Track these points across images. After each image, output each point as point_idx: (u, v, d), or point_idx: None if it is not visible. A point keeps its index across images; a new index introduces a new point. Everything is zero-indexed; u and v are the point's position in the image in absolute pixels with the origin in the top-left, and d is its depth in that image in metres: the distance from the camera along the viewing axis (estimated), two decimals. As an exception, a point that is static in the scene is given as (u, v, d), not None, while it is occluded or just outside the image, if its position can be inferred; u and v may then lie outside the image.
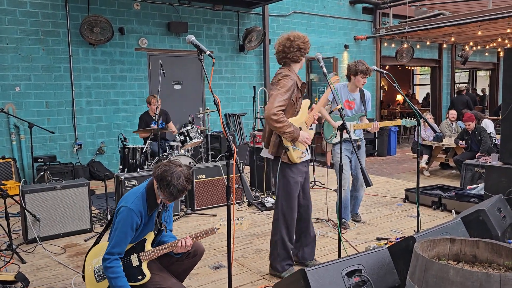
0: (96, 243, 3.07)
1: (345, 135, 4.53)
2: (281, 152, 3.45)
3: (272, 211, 5.59)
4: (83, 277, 2.97)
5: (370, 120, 5.42)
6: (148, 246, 2.87)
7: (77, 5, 7.71)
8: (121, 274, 2.72)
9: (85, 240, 4.55)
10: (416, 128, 4.14)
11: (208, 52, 2.50)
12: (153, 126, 6.48)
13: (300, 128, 3.42)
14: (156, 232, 2.95)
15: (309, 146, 3.54)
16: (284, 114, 3.31)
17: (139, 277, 2.82)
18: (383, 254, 2.87)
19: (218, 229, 2.86)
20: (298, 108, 3.47)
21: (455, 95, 14.08)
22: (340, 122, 4.48)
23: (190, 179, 2.81)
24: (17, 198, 4.42)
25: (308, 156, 3.59)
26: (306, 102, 3.54)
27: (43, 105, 7.54)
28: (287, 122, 3.27)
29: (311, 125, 3.60)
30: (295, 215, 3.59)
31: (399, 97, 18.53)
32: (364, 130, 4.82)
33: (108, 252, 2.71)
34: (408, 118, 3.94)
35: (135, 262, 2.83)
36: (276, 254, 3.60)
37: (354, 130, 4.73)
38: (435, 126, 4.62)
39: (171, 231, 3.12)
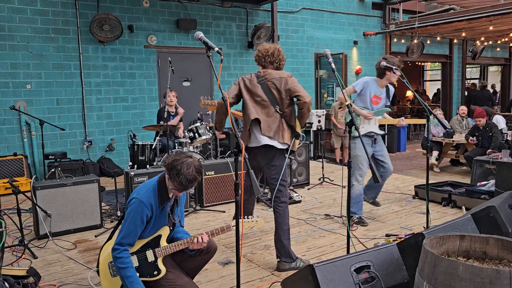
0: (110, 238, 3.10)
1: (367, 130, 4.69)
2: (291, 142, 3.71)
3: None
4: (97, 271, 3.00)
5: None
6: (163, 242, 2.88)
7: (86, 3, 7.76)
8: (130, 264, 2.73)
9: (96, 236, 4.60)
10: (426, 124, 4.11)
11: (216, 49, 2.51)
12: (170, 120, 6.56)
13: None
14: (171, 228, 2.96)
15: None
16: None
17: (154, 273, 2.84)
18: (392, 250, 2.87)
19: (234, 226, 2.87)
20: None
21: (477, 89, 13.81)
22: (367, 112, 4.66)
23: (200, 170, 2.80)
24: (28, 194, 4.48)
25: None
26: None
27: (53, 102, 7.62)
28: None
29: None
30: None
31: (409, 93, 18.39)
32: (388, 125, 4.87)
33: (117, 243, 2.73)
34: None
35: (150, 257, 2.85)
36: (287, 243, 3.67)
37: (379, 126, 4.83)
38: (445, 122, 4.58)
39: (182, 227, 3.14)
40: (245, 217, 2.97)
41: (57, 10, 7.52)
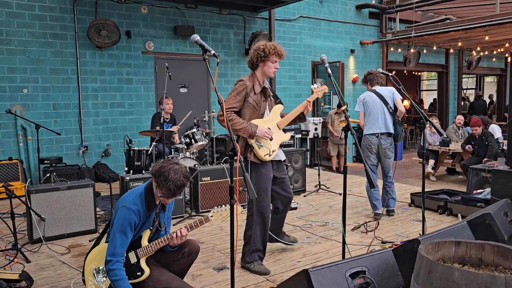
0: (95, 244, 3.08)
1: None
2: (248, 152, 3.63)
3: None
4: (83, 280, 2.97)
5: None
6: (144, 242, 2.88)
7: (85, 8, 7.78)
8: (124, 276, 2.72)
9: (90, 241, 4.55)
10: (423, 131, 4.12)
11: (212, 52, 2.51)
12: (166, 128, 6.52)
13: (269, 129, 3.62)
14: (152, 229, 2.95)
15: (281, 147, 3.79)
16: (243, 116, 3.61)
17: (138, 274, 2.83)
18: (388, 256, 2.85)
19: (212, 216, 2.88)
20: (262, 111, 3.69)
21: (473, 100, 14.58)
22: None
23: (188, 176, 2.82)
24: (23, 198, 4.44)
25: (280, 156, 3.79)
26: (278, 107, 3.80)
27: (50, 107, 7.60)
28: (236, 120, 3.52)
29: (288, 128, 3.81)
30: (269, 210, 3.76)
31: (405, 103, 18.45)
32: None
33: (110, 254, 2.71)
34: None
35: (133, 259, 2.84)
36: (247, 248, 3.76)
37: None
38: (441, 129, 4.54)
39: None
40: (216, 208, 2.96)
41: (55, 15, 7.54)
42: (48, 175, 6.69)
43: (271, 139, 3.62)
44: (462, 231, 3.30)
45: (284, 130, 3.80)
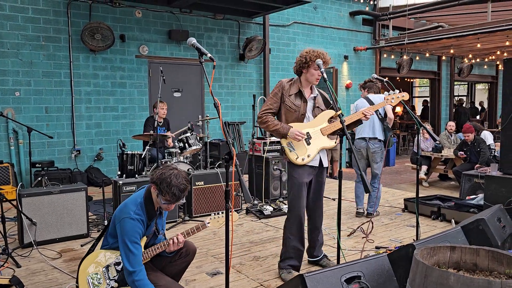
0: (90, 251, 3.04)
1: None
2: (284, 153, 3.66)
3: (270, 219, 5.58)
4: (77, 287, 2.92)
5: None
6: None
7: (78, 11, 7.74)
8: (149, 284, 2.71)
9: (82, 245, 4.50)
10: (416, 137, 4.14)
11: (209, 55, 2.51)
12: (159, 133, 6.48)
13: (308, 134, 3.55)
14: (149, 235, 2.93)
15: (321, 152, 3.66)
16: (279, 117, 3.65)
17: None
18: (383, 261, 2.85)
19: (209, 223, 2.87)
20: (302, 112, 3.62)
21: (457, 106, 15.00)
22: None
23: (188, 180, 2.84)
24: (14, 202, 4.38)
25: (315, 162, 3.65)
26: (327, 112, 3.66)
27: (42, 110, 7.53)
28: (271, 121, 3.57)
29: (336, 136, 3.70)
30: (301, 214, 3.67)
31: (398, 109, 18.57)
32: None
33: (131, 265, 2.68)
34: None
35: None
36: (282, 252, 3.76)
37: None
38: (434, 135, 4.56)
39: (164, 235, 3.12)
40: (213, 215, 2.94)
41: (48, 18, 7.49)
42: (39, 179, 6.61)
43: (308, 144, 3.56)
44: (457, 237, 3.31)
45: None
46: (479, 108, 18.50)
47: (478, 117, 17.68)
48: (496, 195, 4.55)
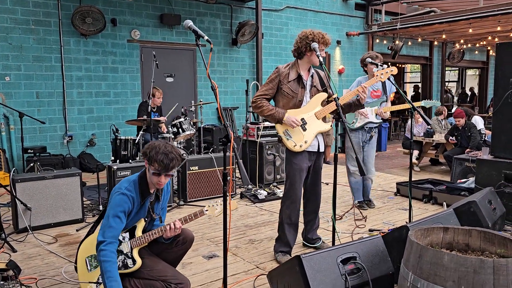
0: (89, 233, 3.05)
1: (364, 121, 5.00)
2: (281, 140, 3.66)
3: (264, 203, 5.63)
4: (76, 268, 2.94)
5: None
6: (138, 232, 2.86)
7: (68, -5, 7.62)
8: (114, 260, 2.67)
9: (77, 230, 4.51)
10: (410, 120, 4.18)
11: (206, 38, 2.50)
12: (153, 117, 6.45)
13: (303, 120, 3.55)
14: (147, 219, 2.94)
15: (318, 137, 3.67)
16: (276, 104, 3.66)
17: (129, 264, 2.81)
18: (377, 242, 2.90)
19: (207, 210, 2.88)
20: (299, 99, 3.59)
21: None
22: (364, 108, 4.87)
23: (178, 152, 2.81)
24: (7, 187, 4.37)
25: (313, 147, 3.67)
26: (320, 95, 3.61)
27: (33, 95, 7.45)
28: (265, 107, 3.55)
29: (330, 119, 3.71)
30: (298, 199, 3.70)
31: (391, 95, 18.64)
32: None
33: (102, 235, 2.68)
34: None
35: (126, 249, 2.82)
36: (278, 236, 3.80)
37: (376, 115, 5.08)
38: (428, 119, 4.59)
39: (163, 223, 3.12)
40: (210, 202, 2.96)
41: (38, 1, 7.36)
42: (32, 164, 6.57)
43: (304, 129, 3.55)
44: (449, 219, 3.37)
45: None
46: (469, 93, 18.65)
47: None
48: (487, 178, 4.63)
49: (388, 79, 3.74)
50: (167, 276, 2.82)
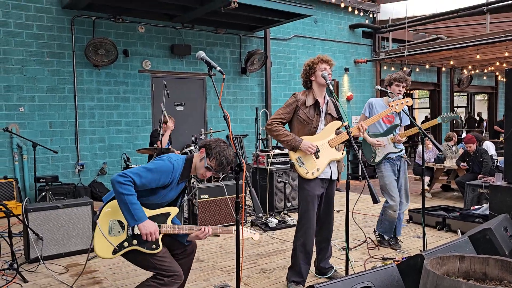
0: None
1: (383, 152, 4.67)
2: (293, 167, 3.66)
3: (275, 232, 5.58)
4: (96, 223, 2.85)
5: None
6: (169, 220, 2.88)
7: (82, 27, 7.84)
8: (135, 194, 2.63)
9: (88, 260, 4.50)
10: (421, 146, 4.16)
11: (218, 68, 2.55)
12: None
13: (316, 147, 3.54)
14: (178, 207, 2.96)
15: (331, 164, 3.65)
16: (291, 129, 3.68)
17: (153, 246, 2.80)
18: (392, 271, 2.85)
19: (235, 230, 2.87)
20: (315, 125, 3.61)
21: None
22: (379, 138, 4.63)
23: (234, 158, 2.85)
24: (20, 217, 4.39)
25: (326, 175, 3.66)
26: (334, 123, 3.64)
27: (46, 125, 7.57)
28: (282, 131, 3.56)
29: (342, 147, 3.67)
30: (312, 227, 3.67)
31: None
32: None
33: (127, 173, 2.62)
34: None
35: None
36: (291, 264, 3.76)
37: (394, 144, 4.68)
38: (439, 145, 4.54)
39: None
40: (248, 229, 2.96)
41: (53, 34, 7.58)
42: (44, 193, 6.63)
43: (317, 157, 3.55)
44: (464, 246, 3.31)
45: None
46: (477, 118, 18.58)
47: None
48: (502, 205, 4.55)
49: (403, 109, 3.74)
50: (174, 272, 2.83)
